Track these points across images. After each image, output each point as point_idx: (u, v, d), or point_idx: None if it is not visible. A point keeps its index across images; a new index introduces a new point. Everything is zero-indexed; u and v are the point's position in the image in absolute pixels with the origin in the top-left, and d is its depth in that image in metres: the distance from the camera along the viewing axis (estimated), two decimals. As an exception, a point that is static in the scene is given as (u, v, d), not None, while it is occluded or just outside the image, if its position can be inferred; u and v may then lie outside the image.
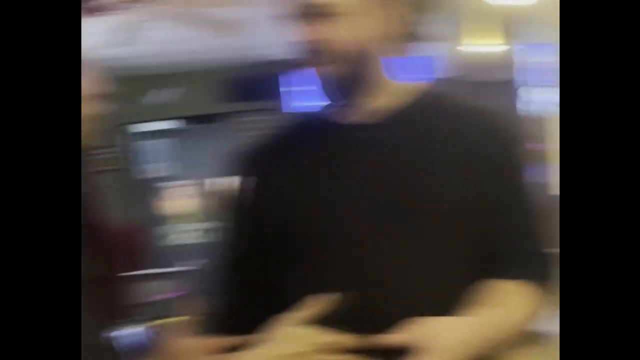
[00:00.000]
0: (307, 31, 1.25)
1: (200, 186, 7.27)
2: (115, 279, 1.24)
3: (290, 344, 1.15)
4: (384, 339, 1.09)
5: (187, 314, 1.33)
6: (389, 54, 1.32)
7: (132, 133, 7.34)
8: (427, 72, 6.43)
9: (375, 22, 1.27)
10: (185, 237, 7.25)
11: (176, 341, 1.29)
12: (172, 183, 7.37)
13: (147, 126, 7.26)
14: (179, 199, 7.37)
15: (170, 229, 7.37)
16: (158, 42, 5.65)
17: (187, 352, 1.28)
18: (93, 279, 1.13)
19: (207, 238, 1.46)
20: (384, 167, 1.29)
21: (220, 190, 1.45)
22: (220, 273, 1.43)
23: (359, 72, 1.28)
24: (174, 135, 7.35)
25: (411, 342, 1.08)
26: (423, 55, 6.33)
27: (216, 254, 1.44)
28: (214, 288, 1.45)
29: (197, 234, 7.08)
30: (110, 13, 4.04)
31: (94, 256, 1.14)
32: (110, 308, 1.20)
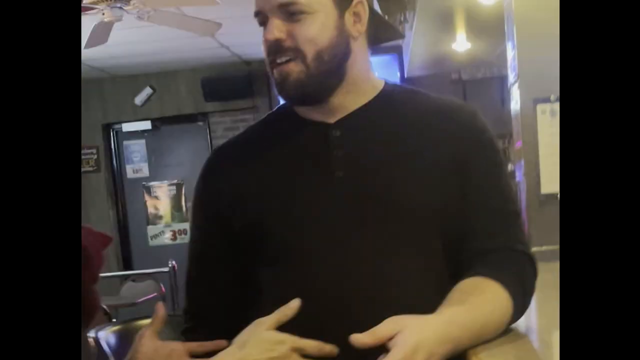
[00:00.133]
0: (271, 30, 1.26)
1: (179, 186, 7.27)
2: (89, 280, 1.21)
3: (264, 349, 1.13)
4: (360, 339, 1.07)
5: (159, 316, 1.31)
6: (357, 52, 1.31)
7: (113, 133, 7.32)
8: (401, 71, 6.48)
9: (340, 21, 1.28)
10: (169, 238, 7.25)
11: (146, 344, 1.27)
12: (153, 183, 7.35)
13: (128, 126, 7.23)
14: (160, 199, 7.35)
15: (153, 229, 7.35)
16: (133, 42, 5.62)
17: (155, 356, 1.27)
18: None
19: (185, 239, 1.46)
20: (351, 163, 1.29)
21: (194, 190, 1.44)
22: (192, 274, 1.43)
23: (326, 70, 1.27)
24: (153, 135, 7.33)
25: (384, 340, 1.07)
26: (397, 54, 6.36)
27: (189, 255, 1.43)
28: (186, 290, 1.44)
29: (179, 235, 7.10)
30: (85, 14, 4.00)
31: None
32: (88, 307, 1.18)
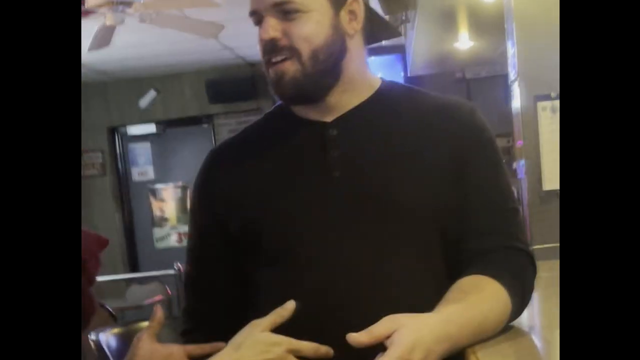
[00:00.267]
0: (266, 29, 1.25)
1: (184, 188, 7.28)
2: (85, 283, 1.21)
3: (259, 350, 1.13)
4: (357, 338, 1.06)
5: (157, 319, 1.31)
6: (353, 50, 1.31)
7: (117, 136, 7.34)
8: (405, 70, 6.47)
9: (336, 19, 1.27)
10: (175, 240, 7.27)
11: (143, 347, 1.27)
12: (158, 186, 7.36)
13: (133, 129, 7.25)
14: (166, 201, 7.37)
15: (159, 231, 7.36)
16: (136, 45, 5.63)
17: (153, 358, 1.27)
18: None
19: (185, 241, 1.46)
20: (348, 162, 1.29)
21: (191, 191, 1.45)
22: (191, 276, 1.43)
23: (322, 69, 1.27)
24: (158, 138, 7.34)
25: (381, 339, 1.07)
26: (400, 53, 6.36)
27: (187, 257, 1.43)
28: (185, 291, 1.44)
29: (185, 237, 7.11)
30: (87, 17, 4.01)
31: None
32: (84, 310, 1.18)
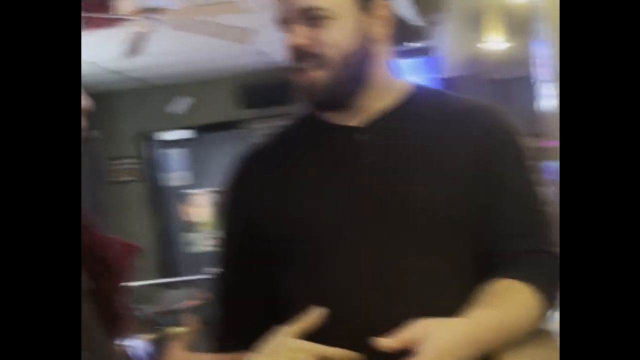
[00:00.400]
0: (295, 36, 1.26)
1: (218, 194, 7.31)
2: (116, 289, 1.23)
3: (288, 357, 1.13)
4: (386, 343, 1.07)
5: (190, 329, 1.32)
6: (382, 55, 1.31)
7: (152, 142, 7.41)
8: (437, 72, 6.42)
9: (363, 25, 1.27)
10: (210, 245, 7.31)
11: (173, 354, 1.28)
12: (193, 191, 7.41)
13: (167, 135, 7.31)
14: (200, 207, 7.42)
15: (194, 236, 7.41)
16: (170, 51, 5.69)
17: None
18: (94, 291, 1.12)
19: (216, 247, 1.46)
20: (379, 168, 1.28)
21: (219, 198, 1.45)
22: (222, 284, 1.42)
23: (351, 74, 1.27)
24: (192, 144, 7.39)
25: (410, 343, 1.07)
26: (432, 55, 6.32)
27: (218, 264, 1.43)
28: (217, 299, 1.43)
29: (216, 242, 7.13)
30: (120, 25, 4.07)
31: (94, 267, 1.13)
32: (113, 319, 1.19)
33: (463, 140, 1.29)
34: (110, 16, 3.96)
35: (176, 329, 2.22)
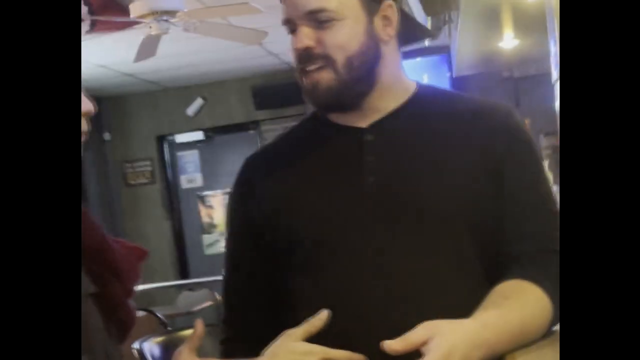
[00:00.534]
0: (301, 38, 1.25)
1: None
2: (123, 294, 1.22)
3: None
4: (392, 345, 1.06)
5: (198, 333, 1.31)
6: (388, 56, 1.30)
7: (167, 144, 7.44)
8: (450, 71, 6.41)
9: (370, 26, 1.27)
10: (224, 246, 7.31)
11: (182, 357, 1.27)
12: (207, 193, 7.43)
13: (181, 137, 7.33)
14: (215, 208, 7.44)
15: (208, 238, 7.44)
16: (182, 53, 5.70)
17: None
18: (99, 295, 1.11)
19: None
20: (385, 169, 1.28)
21: (228, 200, 1.44)
22: (229, 285, 1.42)
23: (357, 76, 1.26)
24: (206, 145, 7.41)
25: (418, 345, 1.06)
26: (446, 54, 6.30)
27: (225, 266, 1.43)
28: (224, 300, 1.44)
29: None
30: (133, 28, 4.07)
31: (100, 272, 1.12)
32: (119, 323, 1.18)
33: (470, 140, 1.28)
34: (123, 19, 3.97)
35: (187, 332, 2.21)
